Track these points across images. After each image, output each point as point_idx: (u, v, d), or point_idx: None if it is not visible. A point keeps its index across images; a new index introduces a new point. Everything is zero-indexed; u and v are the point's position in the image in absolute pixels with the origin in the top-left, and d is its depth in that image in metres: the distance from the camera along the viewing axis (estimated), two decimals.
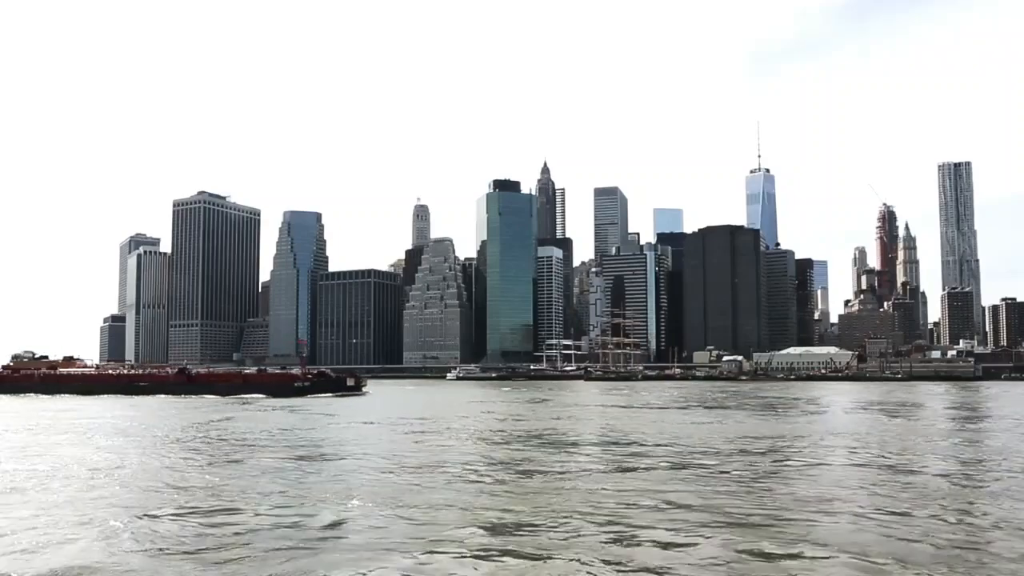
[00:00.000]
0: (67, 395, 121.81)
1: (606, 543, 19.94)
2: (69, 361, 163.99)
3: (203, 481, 31.15)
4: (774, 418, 71.86)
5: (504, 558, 18.62)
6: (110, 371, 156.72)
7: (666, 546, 19.62)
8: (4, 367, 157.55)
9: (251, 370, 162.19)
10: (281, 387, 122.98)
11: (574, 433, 54.53)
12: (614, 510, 24.22)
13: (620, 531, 21.28)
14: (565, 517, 23.08)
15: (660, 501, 25.80)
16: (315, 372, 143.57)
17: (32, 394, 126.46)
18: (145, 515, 23.85)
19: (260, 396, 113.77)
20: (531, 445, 45.65)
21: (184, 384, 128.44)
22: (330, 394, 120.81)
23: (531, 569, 17.72)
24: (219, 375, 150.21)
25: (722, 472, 33.13)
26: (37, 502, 26.26)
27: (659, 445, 44.66)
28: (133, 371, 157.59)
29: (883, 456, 39.68)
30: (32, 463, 36.92)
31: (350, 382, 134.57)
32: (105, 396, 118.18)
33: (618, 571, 17.46)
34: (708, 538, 20.38)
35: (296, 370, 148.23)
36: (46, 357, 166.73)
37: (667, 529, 21.48)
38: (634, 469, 34.49)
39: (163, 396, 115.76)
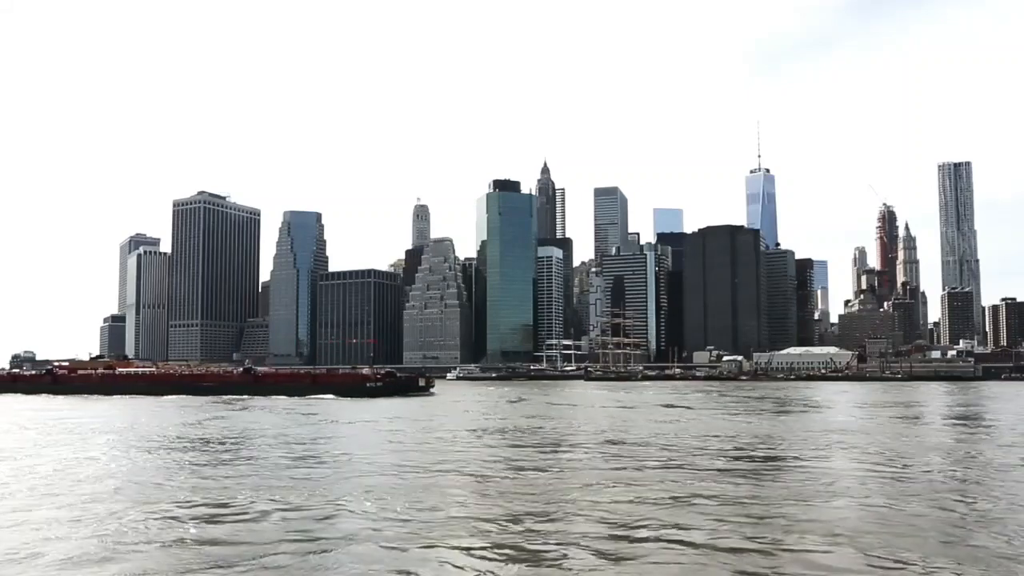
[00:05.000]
0: (130, 395, 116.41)
1: (602, 540, 19.96)
2: (125, 361, 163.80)
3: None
4: (773, 417, 71.84)
5: (504, 556, 18.66)
6: (172, 371, 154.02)
7: (661, 543, 19.63)
8: (59, 367, 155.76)
9: (321, 369, 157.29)
10: (353, 388, 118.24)
11: (580, 431, 54.66)
12: (611, 507, 24.25)
13: (615, 527, 21.31)
14: (564, 514, 23.11)
15: (656, 498, 25.82)
16: (384, 372, 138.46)
17: (93, 395, 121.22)
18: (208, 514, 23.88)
19: (330, 397, 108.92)
20: (561, 445, 45.68)
21: (251, 385, 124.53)
22: (402, 395, 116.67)
23: (532, 567, 17.75)
24: (287, 375, 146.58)
25: (719, 470, 33.16)
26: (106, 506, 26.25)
27: (652, 444, 44.67)
28: (195, 371, 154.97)
29: (880, 454, 39.68)
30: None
31: (421, 382, 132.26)
32: (172, 396, 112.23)
33: (616, 570, 17.48)
34: (705, 536, 20.39)
35: (366, 369, 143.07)
36: (102, 356, 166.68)
37: (665, 527, 21.50)
38: (629, 468, 34.55)
39: (232, 397, 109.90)
